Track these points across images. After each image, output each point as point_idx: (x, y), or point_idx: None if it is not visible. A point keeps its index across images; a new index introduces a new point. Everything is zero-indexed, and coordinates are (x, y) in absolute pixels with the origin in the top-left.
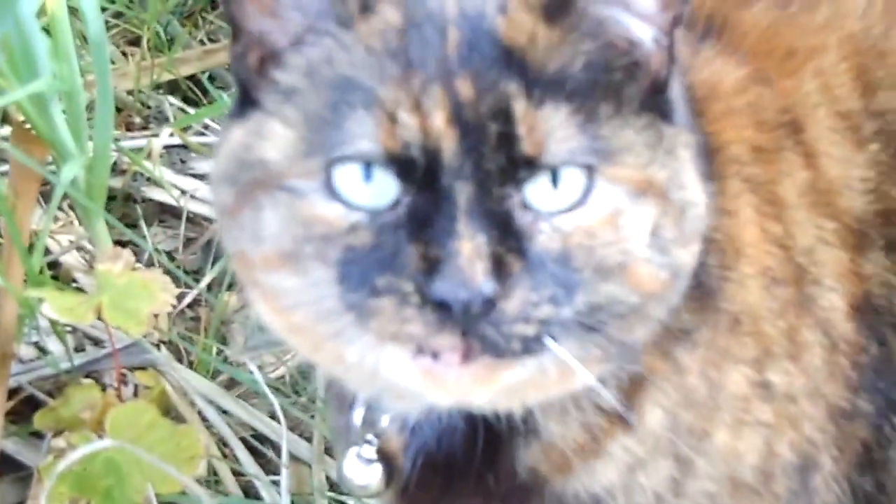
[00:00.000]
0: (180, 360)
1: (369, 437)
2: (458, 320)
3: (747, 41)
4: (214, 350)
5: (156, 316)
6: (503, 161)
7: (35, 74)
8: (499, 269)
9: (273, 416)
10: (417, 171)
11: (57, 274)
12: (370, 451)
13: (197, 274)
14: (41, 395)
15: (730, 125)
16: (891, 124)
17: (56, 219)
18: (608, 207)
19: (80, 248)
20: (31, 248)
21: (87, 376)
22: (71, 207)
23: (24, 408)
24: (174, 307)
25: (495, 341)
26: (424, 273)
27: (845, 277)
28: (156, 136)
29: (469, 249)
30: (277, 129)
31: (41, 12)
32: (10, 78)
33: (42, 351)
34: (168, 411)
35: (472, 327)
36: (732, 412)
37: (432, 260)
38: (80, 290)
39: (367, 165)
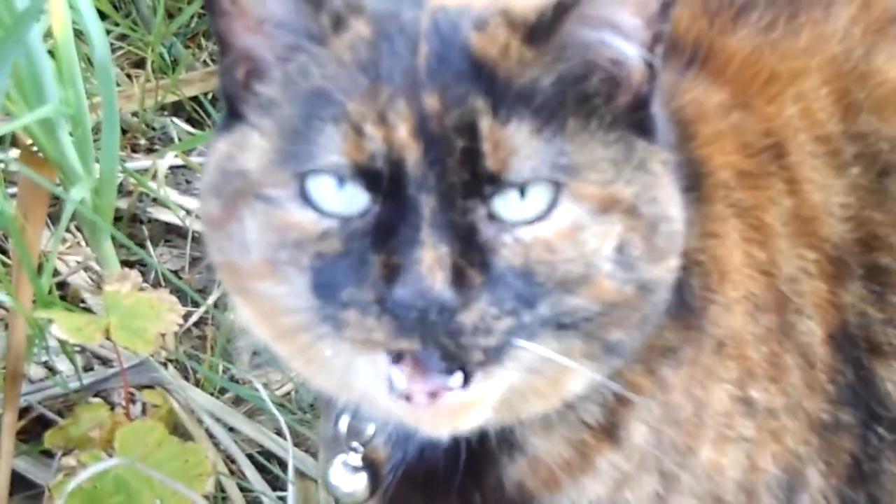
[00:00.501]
0: (187, 378)
1: (355, 444)
2: (415, 327)
3: (731, 67)
4: (221, 368)
5: (163, 335)
6: (467, 175)
7: (43, 99)
8: (460, 280)
9: (279, 433)
10: (383, 182)
11: (65, 294)
12: (356, 459)
13: (203, 292)
14: (51, 415)
15: (718, 149)
16: (871, 147)
17: (63, 240)
18: (570, 222)
19: (87, 269)
20: (39, 268)
21: (95, 395)
22: (78, 228)
23: (35, 427)
24: (180, 326)
25: (454, 352)
26: (386, 280)
27: (823, 308)
28: (161, 157)
29: (430, 258)
30: (256, 140)
31: (46, 35)
32: (18, 102)
33: (51, 370)
34: (176, 429)
35: (430, 335)
36: (716, 428)
37: (394, 268)
38: (88, 310)
39: (339, 176)
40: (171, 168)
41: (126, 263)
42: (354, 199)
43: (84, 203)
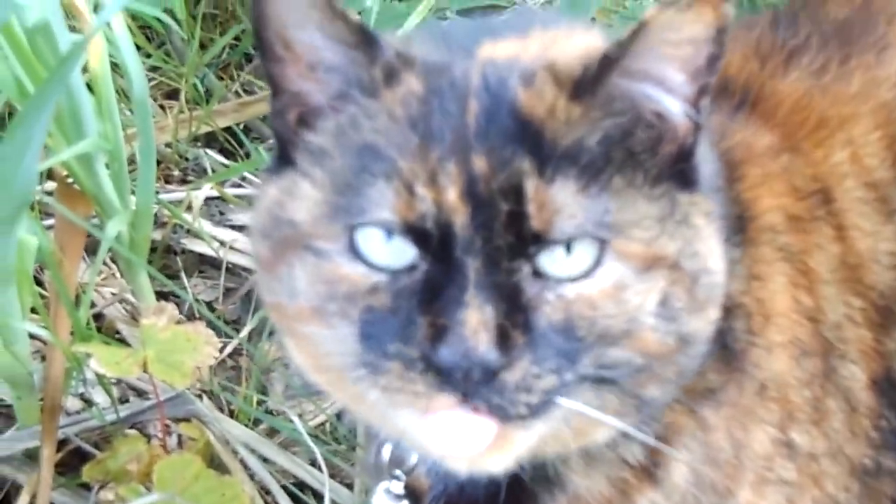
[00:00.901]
0: (221, 409)
1: (398, 473)
2: (458, 385)
3: (781, 110)
4: (255, 399)
5: (199, 368)
6: (513, 237)
7: (81, 133)
8: (504, 340)
9: (314, 464)
10: (432, 242)
11: (101, 325)
12: (398, 487)
13: (236, 323)
14: (88, 447)
15: (767, 191)
16: None
17: (98, 271)
18: (614, 281)
19: (122, 300)
20: (76, 300)
21: (131, 426)
22: (113, 260)
23: (72, 459)
24: (215, 357)
25: (499, 405)
26: (431, 340)
27: (867, 355)
28: (197, 188)
29: (475, 320)
30: (307, 190)
31: (83, 69)
32: (56, 136)
33: (87, 402)
34: (212, 460)
35: (473, 392)
36: (756, 470)
37: (439, 328)
38: (123, 341)
39: (388, 230)
40: (206, 199)
41: (161, 294)
42: (403, 253)
43: (120, 236)
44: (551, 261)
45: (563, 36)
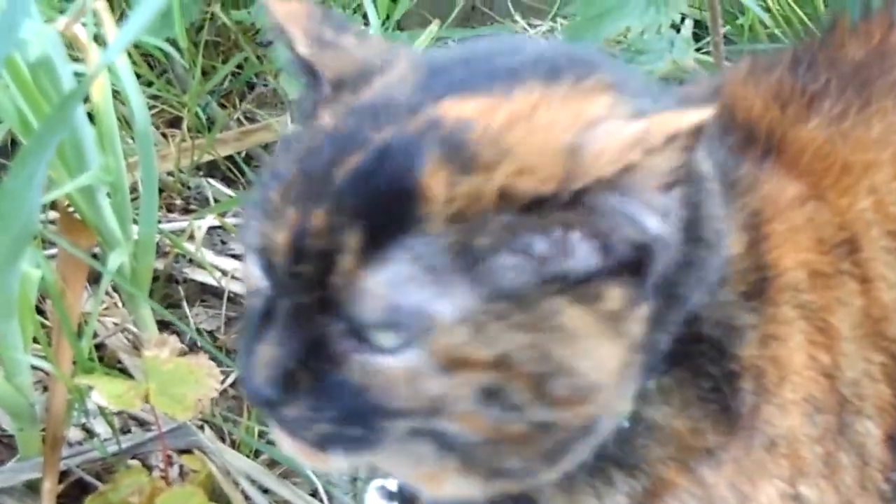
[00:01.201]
0: (223, 439)
1: None
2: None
3: (805, 158)
4: (256, 430)
5: (200, 400)
6: (320, 298)
7: (83, 166)
8: (287, 380)
9: (315, 494)
10: (269, 274)
11: (102, 355)
12: (393, 485)
13: (237, 352)
14: (89, 478)
15: (791, 247)
16: None
17: (101, 302)
18: (411, 367)
19: (124, 330)
20: (78, 331)
21: (133, 457)
22: (115, 289)
23: (73, 490)
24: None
25: (290, 431)
26: (243, 363)
27: (885, 410)
28: (200, 217)
29: (265, 356)
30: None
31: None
32: (58, 169)
33: (88, 432)
34: (213, 490)
35: (268, 414)
36: None
37: (248, 353)
38: (125, 370)
39: (251, 251)
40: (208, 229)
41: (162, 324)
42: (258, 276)
43: (122, 267)
44: (351, 333)
45: (554, 104)
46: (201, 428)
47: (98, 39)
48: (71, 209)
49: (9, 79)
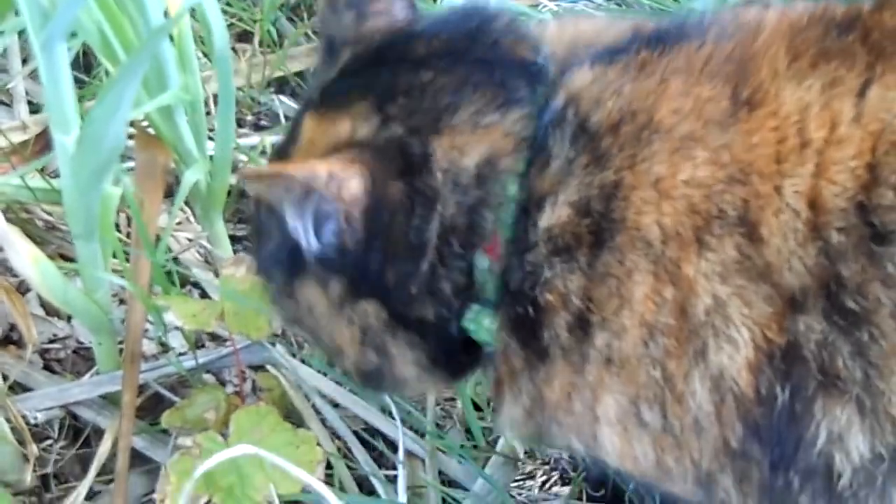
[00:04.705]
0: (293, 355)
1: None
2: None
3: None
4: None
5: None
6: None
7: (163, 85)
8: None
9: (384, 410)
10: None
11: (175, 269)
12: None
13: None
14: (165, 392)
15: (655, 210)
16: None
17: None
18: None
19: (198, 245)
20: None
21: (207, 371)
22: (187, 204)
23: (149, 403)
24: None
25: None
26: None
27: (764, 327)
28: (273, 134)
29: None
30: None
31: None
32: (138, 88)
33: (164, 346)
34: (285, 407)
35: None
36: (612, 425)
37: None
38: (196, 284)
39: None
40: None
41: (234, 238)
42: None
43: (197, 183)
44: None
45: None
46: (273, 344)
47: None
48: (147, 125)
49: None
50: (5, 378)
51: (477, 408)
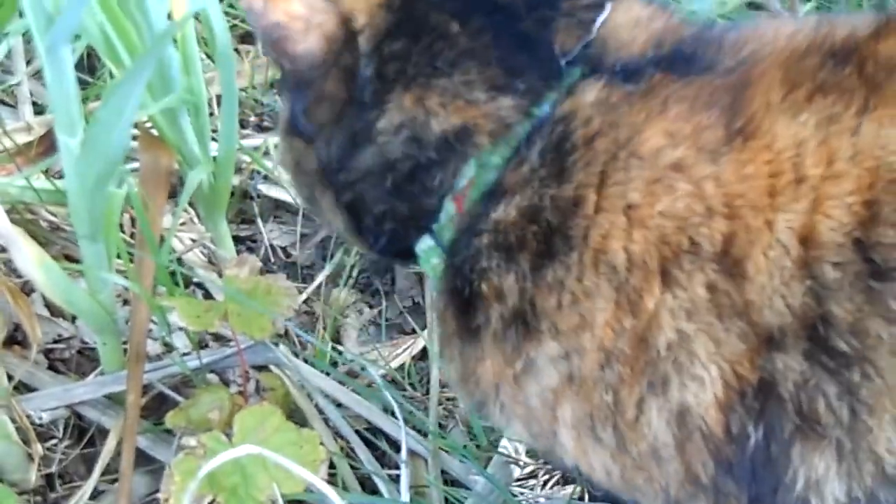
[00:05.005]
0: (297, 354)
1: None
2: None
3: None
4: (330, 346)
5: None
6: None
7: (167, 87)
8: None
9: (386, 409)
10: None
11: (179, 269)
12: None
13: (311, 269)
14: (170, 392)
15: (624, 236)
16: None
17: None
18: None
19: (201, 246)
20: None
21: (211, 370)
22: (191, 205)
23: (153, 402)
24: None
25: None
26: None
27: (735, 363)
28: (275, 134)
29: None
30: None
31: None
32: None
33: (167, 346)
34: (289, 406)
35: None
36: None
37: None
38: (200, 284)
39: None
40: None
41: (237, 239)
42: None
43: (201, 184)
44: None
45: None
46: (276, 344)
47: None
48: (150, 127)
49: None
50: (10, 378)
51: None
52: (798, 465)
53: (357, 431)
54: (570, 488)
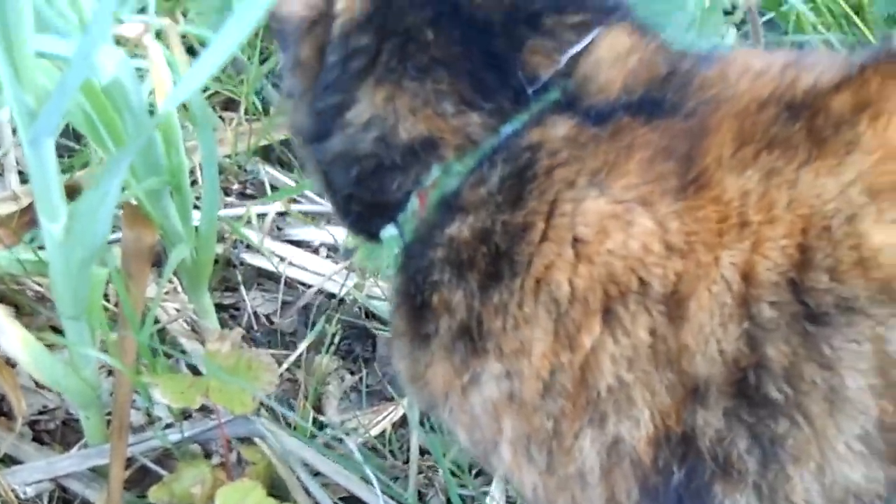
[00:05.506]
0: (278, 420)
1: None
2: None
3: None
4: (311, 415)
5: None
6: None
7: (151, 168)
8: None
9: (364, 479)
10: None
11: (163, 338)
12: None
13: (293, 336)
14: (152, 465)
15: (570, 272)
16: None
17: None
18: None
19: (185, 317)
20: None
21: (193, 442)
22: (175, 274)
23: (136, 475)
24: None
25: None
26: None
27: (664, 414)
28: (263, 203)
29: None
30: None
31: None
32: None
33: (149, 415)
34: (271, 478)
35: None
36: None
37: None
38: (183, 352)
39: None
40: (262, 215)
41: (220, 306)
42: None
43: (184, 258)
44: None
45: None
46: (258, 413)
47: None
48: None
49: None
50: None
51: (455, 475)
52: (722, 499)
53: (337, 501)
54: None
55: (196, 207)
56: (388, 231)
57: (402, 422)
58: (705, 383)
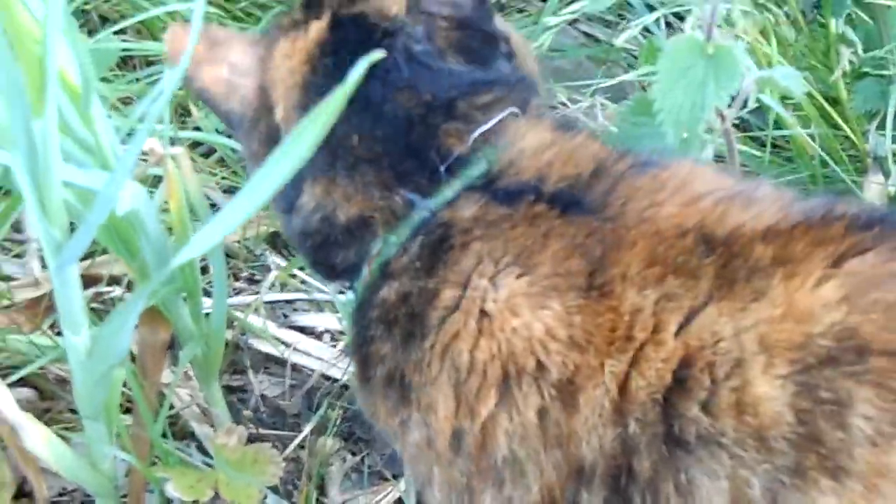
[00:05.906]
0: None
1: None
2: None
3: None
4: (315, 497)
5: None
6: None
7: (168, 280)
8: None
9: None
10: None
11: (175, 422)
12: None
13: (298, 418)
14: None
15: (472, 343)
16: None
17: (173, 373)
18: None
19: (196, 403)
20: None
21: None
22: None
23: None
24: (280, 452)
25: None
26: None
27: (549, 489)
28: (267, 290)
29: None
30: None
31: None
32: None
33: (162, 494)
34: None
35: None
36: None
37: None
38: (193, 436)
39: None
40: (269, 303)
41: (229, 388)
42: None
43: (195, 355)
44: None
45: None
46: (265, 497)
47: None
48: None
49: None
50: None
51: None
52: None
53: None
54: None
55: (206, 293)
56: (348, 295)
57: (401, 501)
58: (590, 468)
